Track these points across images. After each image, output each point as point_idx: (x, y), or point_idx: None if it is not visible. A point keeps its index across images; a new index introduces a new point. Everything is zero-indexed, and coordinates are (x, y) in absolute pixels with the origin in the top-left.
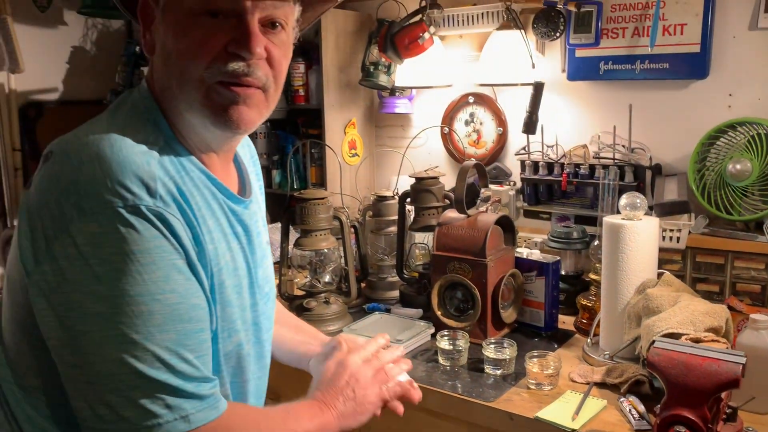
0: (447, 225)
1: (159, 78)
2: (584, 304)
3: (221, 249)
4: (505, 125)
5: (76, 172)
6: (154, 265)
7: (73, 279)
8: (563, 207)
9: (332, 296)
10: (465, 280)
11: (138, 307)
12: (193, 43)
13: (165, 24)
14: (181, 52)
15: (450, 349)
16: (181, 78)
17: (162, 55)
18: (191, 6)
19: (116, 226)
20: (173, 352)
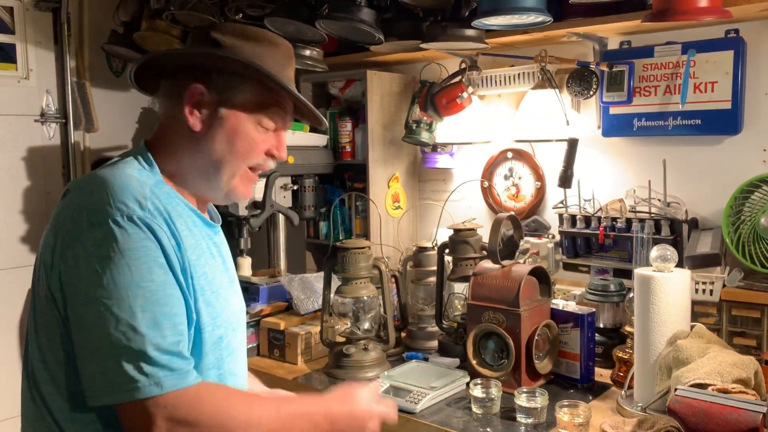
0: (482, 275)
1: (198, 150)
2: (620, 356)
3: (201, 260)
4: (543, 180)
5: (87, 197)
6: (139, 261)
7: (80, 273)
8: (601, 260)
9: (371, 343)
10: (499, 330)
11: (125, 292)
12: (252, 144)
13: (229, 122)
14: (240, 148)
15: (483, 397)
16: (230, 163)
17: (216, 141)
18: (259, 120)
19: (113, 231)
20: (152, 328)
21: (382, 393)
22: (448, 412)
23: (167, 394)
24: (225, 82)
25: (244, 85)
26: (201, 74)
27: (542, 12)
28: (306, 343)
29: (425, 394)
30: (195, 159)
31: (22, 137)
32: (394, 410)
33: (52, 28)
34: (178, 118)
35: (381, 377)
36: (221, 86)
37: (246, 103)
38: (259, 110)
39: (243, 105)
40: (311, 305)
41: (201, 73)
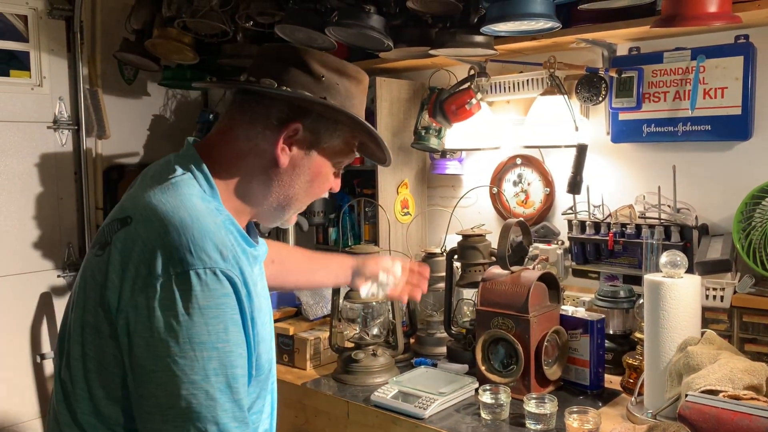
0: (491, 281)
1: (266, 179)
2: (630, 363)
3: (258, 296)
4: (552, 186)
5: (161, 237)
6: (217, 319)
7: (153, 326)
8: (611, 266)
9: (380, 349)
10: (508, 336)
11: (200, 353)
12: (325, 187)
13: (314, 163)
14: (314, 190)
15: (492, 404)
16: (302, 198)
17: (295, 177)
18: (337, 164)
19: (194, 285)
20: (224, 392)
21: (390, 398)
22: (456, 418)
23: None
24: (321, 125)
25: (338, 131)
26: (299, 111)
27: (551, 18)
28: (315, 348)
29: (434, 399)
30: (269, 192)
31: (35, 144)
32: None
33: (65, 36)
34: (261, 146)
35: (389, 383)
36: (317, 128)
37: (334, 148)
38: (343, 155)
39: (331, 149)
40: (320, 311)
41: (299, 110)
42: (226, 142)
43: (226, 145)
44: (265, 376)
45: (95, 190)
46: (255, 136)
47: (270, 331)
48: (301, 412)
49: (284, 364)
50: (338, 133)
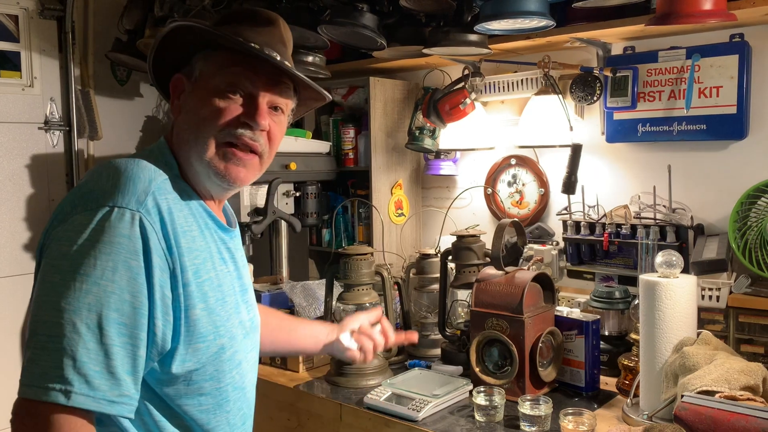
0: (485, 281)
1: (179, 134)
2: (626, 364)
3: (207, 264)
4: (547, 186)
5: (93, 183)
6: (108, 256)
7: (50, 254)
8: (606, 267)
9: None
10: (502, 337)
11: (80, 284)
12: (214, 110)
13: (194, 95)
14: (203, 116)
15: (486, 405)
16: (199, 134)
17: (186, 117)
18: (218, 84)
19: (96, 218)
20: (91, 330)
21: (383, 400)
22: (450, 420)
23: (72, 411)
24: (197, 64)
25: (211, 57)
26: (185, 66)
27: (545, 16)
28: None
29: (427, 401)
30: (180, 145)
31: (26, 145)
32: None
33: (56, 36)
34: (173, 115)
35: (383, 385)
36: (192, 69)
37: (208, 73)
38: (219, 75)
39: (205, 76)
40: (313, 312)
41: (185, 65)
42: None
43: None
44: (214, 353)
45: None
46: (170, 106)
47: (230, 315)
48: (293, 415)
49: (276, 366)
50: (211, 59)
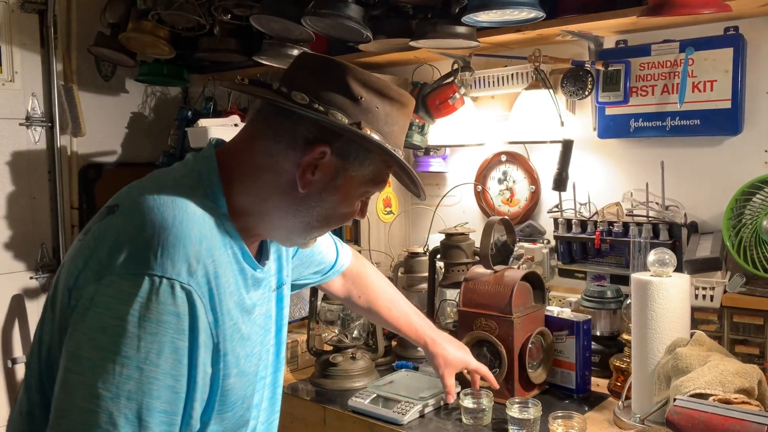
0: (473, 280)
1: (283, 200)
2: (618, 365)
3: (240, 321)
4: (538, 183)
5: (135, 233)
6: (155, 336)
7: (87, 322)
8: (598, 266)
9: (359, 352)
10: (491, 337)
11: (120, 367)
12: (350, 213)
13: (339, 191)
14: (340, 214)
15: (473, 408)
16: (318, 229)
17: (315, 203)
18: (364, 191)
19: (143, 290)
20: (130, 422)
21: (368, 403)
22: (436, 423)
23: None
24: (352, 151)
25: (369, 159)
26: (329, 133)
27: (534, 7)
28: (292, 352)
29: (413, 404)
30: (285, 216)
31: (6, 141)
32: None
33: (38, 30)
34: (282, 165)
35: (368, 387)
36: (347, 154)
37: (363, 177)
38: (372, 185)
39: (360, 178)
40: (298, 313)
41: (330, 132)
42: (246, 152)
43: (245, 155)
44: (239, 416)
45: (70, 189)
46: (277, 153)
47: (255, 365)
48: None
49: None
50: (369, 162)
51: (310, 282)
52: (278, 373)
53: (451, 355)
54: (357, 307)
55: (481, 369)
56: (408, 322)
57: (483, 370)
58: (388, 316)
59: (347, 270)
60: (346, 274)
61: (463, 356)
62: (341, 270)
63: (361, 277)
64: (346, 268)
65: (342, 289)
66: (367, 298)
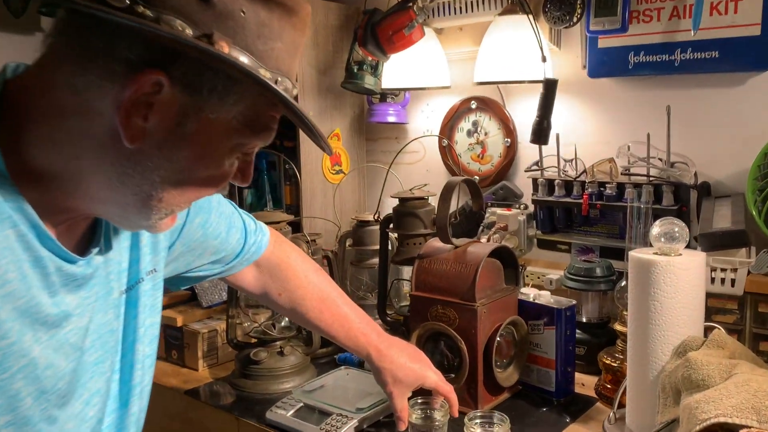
0: (428, 258)
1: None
2: (608, 363)
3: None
4: (514, 136)
5: None
6: None
7: None
8: (585, 236)
9: (289, 346)
10: (449, 330)
11: None
12: (219, 175)
13: (192, 142)
14: (202, 177)
15: (422, 424)
16: (167, 203)
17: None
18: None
19: None
20: None
21: (290, 416)
22: None
23: None
24: (205, 80)
25: (236, 93)
26: (166, 54)
27: None
28: (210, 343)
29: (347, 419)
30: (109, 182)
31: None
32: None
33: None
34: (94, 105)
35: (293, 393)
36: (196, 85)
37: (230, 122)
38: (247, 133)
39: (224, 123)
40: (217, 296)
41: (166, 52)
42: (43, 87)
43: (42, 91)
44: None
45: None
46: (86, 88)
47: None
48: (187, 425)
49: (173, 362)
50: (237, 96)
51: (209, 274)
52: (130, 410)
53: (403, 370)
54: (278, 307)
55: (440, 387)
56: (346, 328)
57: (444, 388)
58: (318, 320)
59: (263, 258)
60: (261, 264)
61: (419, 370)
62: (253, 258)
63: (283, 268)
64: (260, 255)
65: (256, 283)
66: (290, 295)
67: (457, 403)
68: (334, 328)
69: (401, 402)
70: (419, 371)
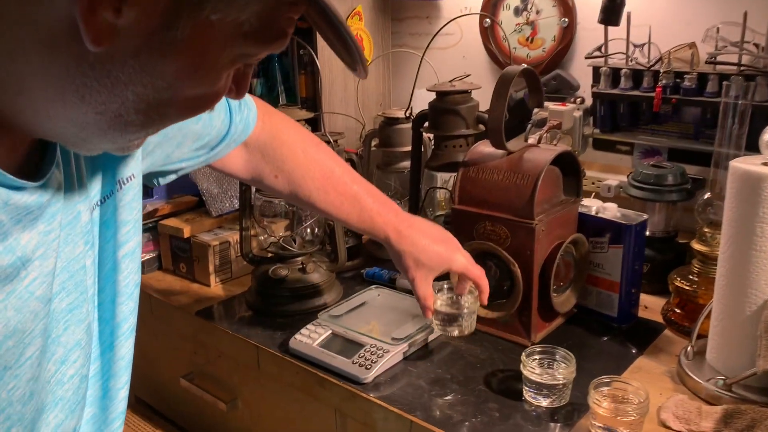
0: (475, 166)
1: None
2: (681, 287)
3: None
4: (573, 15)
5: None
6: None
7: None
8: (653, 136)
9: (311, 262)
10: (500, 251)
11: None
12: (212, 94)
13: (179, 41)
14: (190, 96)
15: (448, 312)
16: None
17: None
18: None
19: None
20: None
21: (317, 345)
22: (417, 375)
23: None
24: None
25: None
26: None
27: None
28: (222, 257)
29: (384, 351)
30: (62, 97)
31: None
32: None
33: None
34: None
35: (319, 319)
36: None
37: (235, 27)
38: (253, 42)
39: (229, 27)
40: (228, 203)
41: None
42: None
43: None
44: None
45: None
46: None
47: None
48: (200, 348)
49: (182, 276)
50: None
51: (191, 165)
52: (117, 353)
53: (426, 253)
54: (276, 192)
55: (470, 271)
56: (358, 209)
57: (473, 272)
58: (324, 202)
59: (252, 137)
60: (250, 144)
61: (444, 252)
62: (241, 139)
63: (276, 146)
64: (249, 134)
65: (247, 167)
66: (288, 177)
67: (487, 288)
68: (344, 209)
69: (425, 288)
70: (445, 253)
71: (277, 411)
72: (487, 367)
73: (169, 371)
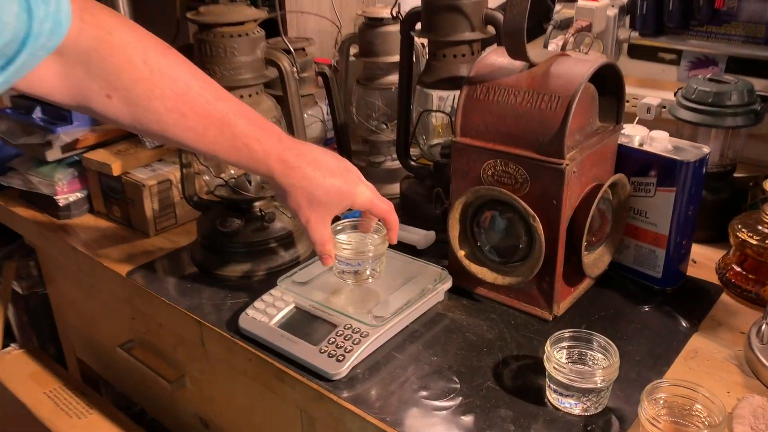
0: (485, 83)
1: None
2: (745, 239)
3: None
4: None
5: None
6: None
7: None
8: (706, 39)
9: (271, 208)
10: (516, 200)
11: None
12: None
13: None
14: None
15: (351, 257)
16: None
17: None
18: None
19: None
20: None
21: (275, 325)
22: (395, 370)
23: None
24: None
25: None
26: None
27: None
28: (162, 199)
29: (362, 335)
30: None
31: None
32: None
33: None
34: None
35: (279, 284)
36: None
37: None
38: None
39: None
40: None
41: None
42: None
43: None
44: None
45: None
46: None
47: None
48: (138, 314)
49: (116, 221)
50: None
51: None
52: None
53: (323, 188)
54: (113, 120)
55: (376, 206)
56: (227, 136)
57: (380, 207)
58: (180, 128)
59: (68, 42)
60: (66, 53)
61: (344, 185)
62: (53, 44)
63: (105, 53)
64: (62, 37)
65: (65, 85)
66: (125, 95)
67: (397, 226)
68: (209, 137)
69: (323, 231)
70: (345, 187)
71: (232, 398)
72: (497, 353)
73: (109, 337)
